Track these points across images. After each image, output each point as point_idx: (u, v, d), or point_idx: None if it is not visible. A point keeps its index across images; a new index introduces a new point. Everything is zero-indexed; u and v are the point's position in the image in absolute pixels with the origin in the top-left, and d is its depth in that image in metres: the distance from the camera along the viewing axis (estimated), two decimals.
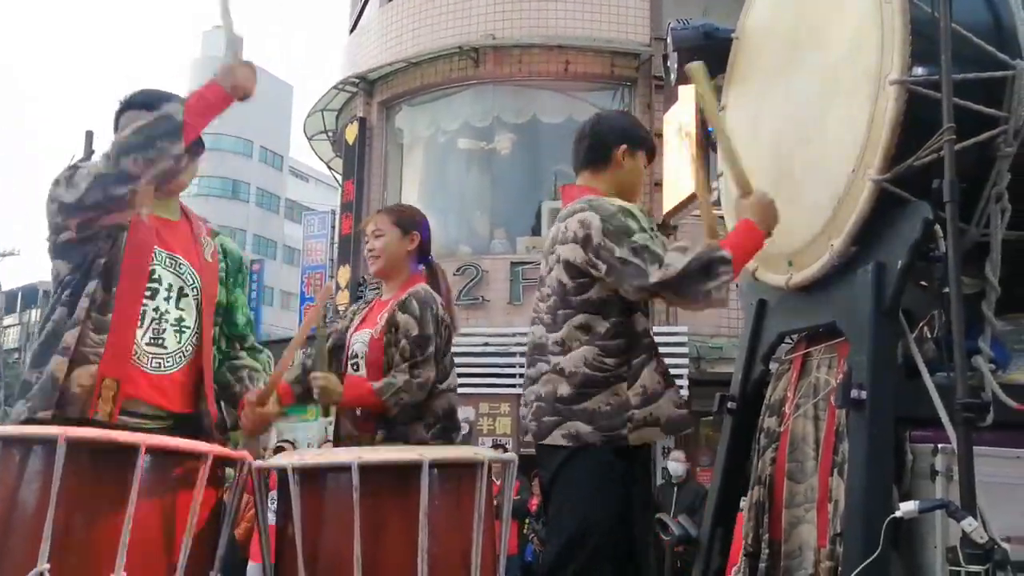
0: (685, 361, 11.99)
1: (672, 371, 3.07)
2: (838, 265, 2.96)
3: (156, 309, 2.57)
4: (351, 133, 15.58)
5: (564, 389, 2.81)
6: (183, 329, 2.62)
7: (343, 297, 14.89)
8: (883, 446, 2.66)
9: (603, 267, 2.75)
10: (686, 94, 11.66)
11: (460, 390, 3.43)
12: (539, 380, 2.89)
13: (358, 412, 3.22)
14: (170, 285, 2.61)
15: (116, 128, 2.69)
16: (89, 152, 14.73)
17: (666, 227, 11.55)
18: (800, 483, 3.00)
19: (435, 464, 2.24)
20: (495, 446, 10.70)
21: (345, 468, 2.20)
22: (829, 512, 2.79)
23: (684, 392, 11.72)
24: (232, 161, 45.96)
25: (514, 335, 11.90)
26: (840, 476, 2.76)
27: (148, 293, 2.56)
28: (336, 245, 16.92)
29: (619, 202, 2.88)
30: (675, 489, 9.50)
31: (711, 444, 11.29)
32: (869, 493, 2.60)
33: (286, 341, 17.64)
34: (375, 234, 3.40)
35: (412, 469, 2.21)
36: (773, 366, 3.48)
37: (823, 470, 2.90)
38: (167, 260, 2.63)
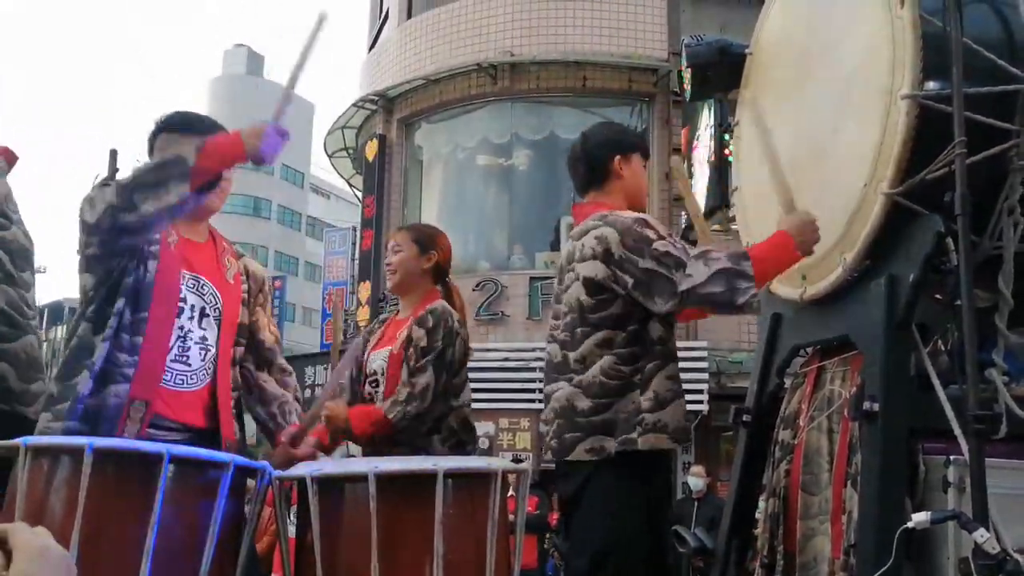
0: (705, 376, 11.94)
1: (692, 386, 3.11)
2: (851, 279, 2.98)
3: (181, 328, 2.63)
4: (371, 150, 15.68)
5: (583, 403, 2.83)
6: (207, 347, 2.68)
7: (363, 313, 14.98)
8: (896, 458, 2.67)
9: (629, 280, 2.78)
10: (704, 110, 11.73)
11: (480, 405, 3.45)
12: (558, 398, 2.91)
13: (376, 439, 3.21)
14: (193, 306, 2.66)
15: (151, 151, 2.75)
16: (113, 171, 14.88)
17: (686, 242, 11.57)
18: (814, 495, 3.01)
19: (449, 474, 2.27)
20: (515, 461, 10.69)
21: (362, 478, 2.23)
22: (843, 524, 2.79)
23: (704, 407, 11.77)
24: (254, 179, 46.21)
25: (533, 350, 11.91)
26: (854, 488, 2.77)
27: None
28: (357, 261, 17.02)
29: (633, 214, 2.92)
30: (695, 504, 9.47)
31: (731, 459, 11.23)
32: (882, 504, 2.61)
33: (308, 357, 17.73)
34: (394, 249, 3.45)
35: (427, 479, 2.24)
36: (788, 379, 3.50)
37: (837, 482, 2.91)
38: (191, 282, 2.68)
